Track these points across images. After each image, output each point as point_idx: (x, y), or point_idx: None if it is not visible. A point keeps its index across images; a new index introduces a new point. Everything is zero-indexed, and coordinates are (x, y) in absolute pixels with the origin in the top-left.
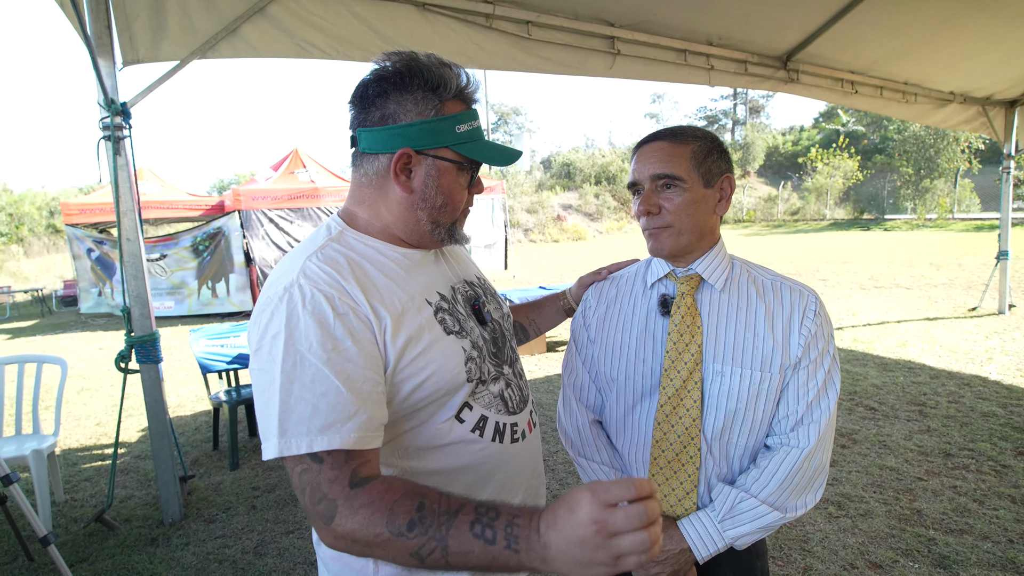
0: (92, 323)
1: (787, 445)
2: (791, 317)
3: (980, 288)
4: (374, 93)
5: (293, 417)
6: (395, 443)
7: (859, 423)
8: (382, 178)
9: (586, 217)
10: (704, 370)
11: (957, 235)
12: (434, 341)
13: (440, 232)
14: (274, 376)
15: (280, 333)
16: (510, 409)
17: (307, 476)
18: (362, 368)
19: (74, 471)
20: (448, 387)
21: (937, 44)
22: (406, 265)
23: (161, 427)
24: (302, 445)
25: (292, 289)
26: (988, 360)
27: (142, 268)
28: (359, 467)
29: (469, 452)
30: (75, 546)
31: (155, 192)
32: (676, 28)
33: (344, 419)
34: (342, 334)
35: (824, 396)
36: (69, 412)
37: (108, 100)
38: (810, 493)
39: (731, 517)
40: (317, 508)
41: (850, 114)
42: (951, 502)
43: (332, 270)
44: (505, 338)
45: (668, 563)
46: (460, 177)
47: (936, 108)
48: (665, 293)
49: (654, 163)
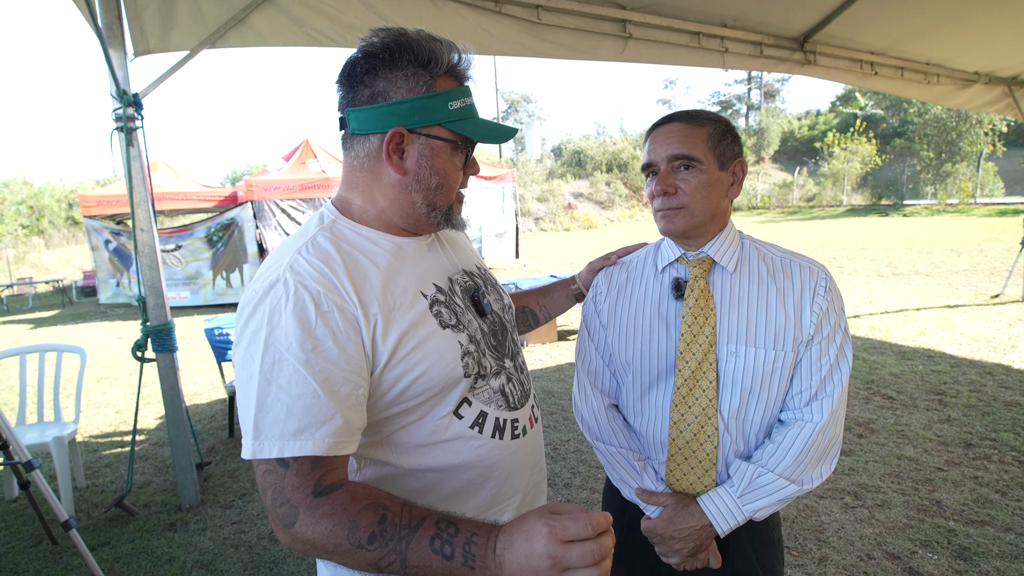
0: (111, 313)
1: (801, 420)
2: (802, 294)
3: (1003, 275)
4: (362, 71)
5: (268, 419)
6: (391, 440)
7: (876, 412)
8: (374, 160)
9: (597, 205)
10: (719, 351)
11: (979, 220)
12: (428, 336)
13: (436, 216)
14: (252, 374)
15: (261, 330)
16: (511, 404)
17: (270, 478)
18: (342, 370)
19: (94, 457)
20: (444, 383)
21: (963, 20)
22: (401, 256)
23: (178, 415)
24: (274, 449)
25: (277, 285)
26: (1011, 348)
27: (156, 258)
28: (324, 475)
29: (468, 449)
30: (96, 530)
31: (169, 183)
32: (689, 10)
33: (319, 423)
34: (323, 334)
35: (836, 370)
36: (89, 400)
37: (120, 91)
38: (825, 464)
39: (750, 492)
40: (278, 511)
41: (868, 97)
42: (972, 493)
43: (322, 263)
44: (506, 330)
45: (691, 539)
46: (455, 157)
47: (959, 89)
48: (678, 277)
49: (671, 144)
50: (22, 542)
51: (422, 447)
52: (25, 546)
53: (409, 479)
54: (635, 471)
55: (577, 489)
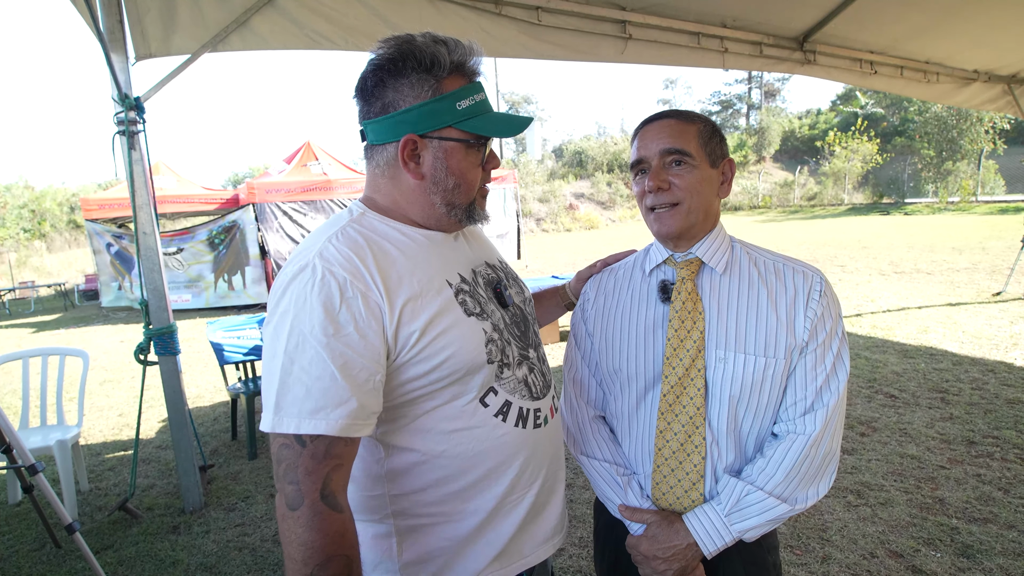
0: (113, 316)
1: (793, 432)
2: (795, 299)
3: (1005, 272)
4: (372, 84)
5: (289, 396)
6: (417, 425)
7: (879, 411)
8: (393, 167)
9: (599, 206)
10: (707, 357)
11: (981, 218)
12: (454, 323)
13: (457, 213)
14: (277, 352)
15: (289, 311)
16: (534, 394)
17: (287, 452)
18: (361, 355)
19: (97, 461)
20: (467, 368)
21: (964, 16)
22: (427, 246)
23: (180, 417)
24: (291, 425)
25: (306, 270)
26: (1013, 346)
27: (158, 261)
28: (333, 471)
29: (492, 437)
30: (100, 534)
31: (171, 186)
32: (689, 10)
33: (334, 405)
34: (346, 319)
35: (833, 378)
36: (92, 403)
37: (122, 95)
38: (821, 482)
39: (738, 511)
40: (287, 487)
41: (869, 96)
42: (975, 491)
43: (350, 251)
44: (528, 322)
45: (675, 559)
46: (470, 155)
47: (959, 88)
48: (665, 279)
49: (664, 139)
50: (26, 546)
51: (448, 433)
52: (29, 550)
53: (435, 467)
54: (619, 486)
55: (580, 489)
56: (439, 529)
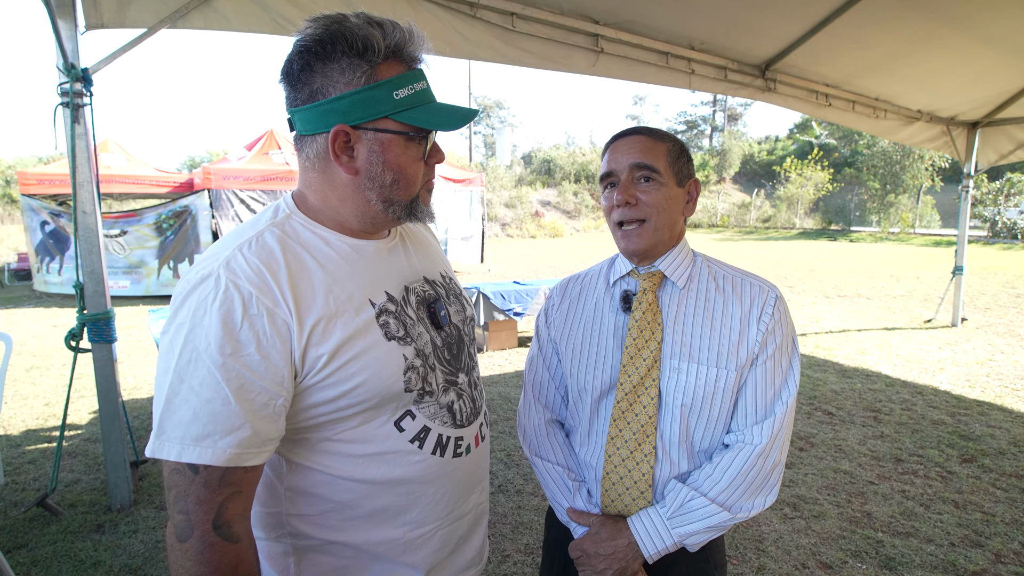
0: (47, 299)
1: (742, 442)
2: (750, 312)
3: (935, 301)
4: (299, 68)
5: (173, 419)
6: (326, 446)
7: (817, 427)
8: (324, 161)
9: (564, 214)
10: (662, 367)
11: (917, 249)
12: (370, 347)
13: (396, 211)
14: (168, 368)
15: (184, 324)
16: (457, 422)
17: (177, 478)
18: (261, 378)
19: (17, 452)
20: (381, 396)
21: (911, 60)
22: (353, 259)
23: (112, 408)
24: (172, 451)
25: (208, 280)
26: (940, 370)
27: (98, 243)
28: (228, 500)
29: (405, 463)
30: (14, 531)
31: (120, 166)
32: (659, 30)
33: (224, 432)
34: (247, 337)
35: (784, 390)
36: (16, 391)
37: (68, 65)
38: (766, 494)
39: (680, 515)
40: (176, 516)
41: (823, 127)
42: (899, 506)
43: (260, 263)
44: (463, 343)
45: (615, 559)
46: (410, 148)
47: (903, 125)
48: (627, 289)
49: (634, 153)
50: None
51: (357, 457)
52: None
53: (338, 488)
54: (568, 490)
55: (529, 496)
56: (339, 554)
